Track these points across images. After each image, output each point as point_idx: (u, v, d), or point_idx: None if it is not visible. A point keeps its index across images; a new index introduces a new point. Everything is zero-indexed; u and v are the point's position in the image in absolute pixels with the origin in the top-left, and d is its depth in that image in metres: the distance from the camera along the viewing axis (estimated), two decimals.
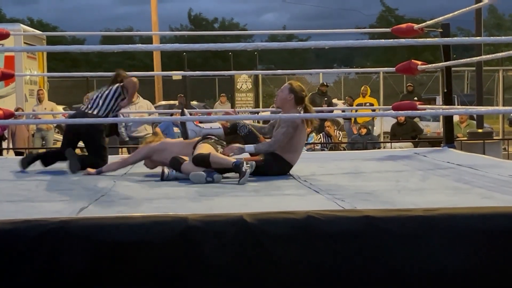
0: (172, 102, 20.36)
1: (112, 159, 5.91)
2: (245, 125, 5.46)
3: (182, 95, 16.67)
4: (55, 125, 13.70)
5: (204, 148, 5.17)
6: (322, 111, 10.99)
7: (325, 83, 15.38)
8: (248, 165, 4.81)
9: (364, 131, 13.12)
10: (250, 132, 5.42)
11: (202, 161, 4.98)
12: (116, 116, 6.23)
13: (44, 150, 6.14)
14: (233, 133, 5.45)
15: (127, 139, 10.95)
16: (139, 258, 3.05)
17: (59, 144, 14.22)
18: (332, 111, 12.25)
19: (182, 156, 5.20)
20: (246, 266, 3.09)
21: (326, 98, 14.57)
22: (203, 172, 4.87)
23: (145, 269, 3.06)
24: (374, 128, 15.34)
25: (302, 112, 5.35)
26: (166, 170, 5.11)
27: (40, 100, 13.08)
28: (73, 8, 68.93)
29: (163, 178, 5.09)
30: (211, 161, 4.95)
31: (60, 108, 15.65)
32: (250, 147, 5.22)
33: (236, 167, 4.85)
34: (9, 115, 6.91)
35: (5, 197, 4.31)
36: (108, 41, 40.43)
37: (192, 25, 49.15)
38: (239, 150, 5.19)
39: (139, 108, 10.75)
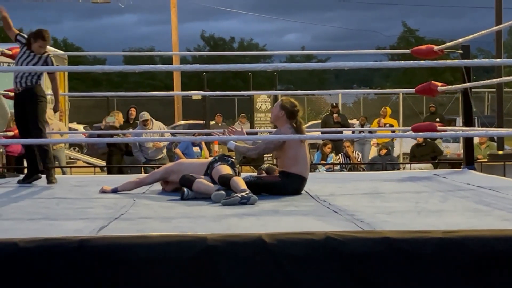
0: (191, 121, 20.43)
1: (129, 178, 5.94)
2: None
3: (220, 114, 17.13)
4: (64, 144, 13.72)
5: (227, 170, 5.29)
6: (337, 132, 11.00)
7: (334, 104, 15.48)
8: (246, 195, 4.80)
9: (384, 151, 13.08)
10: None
11: (224, 181, 5.09)
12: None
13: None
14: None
15: (144, 161, 11.02)
16: (158, 278, 3.06)
17: (81, 163, 14.27)
18: (342, 132, 12.24)
19: (194, 175, 5.26)
20: (264, 286, 3.08)
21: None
22: (223, 192, 4.90)
23: None
24: (394, 149, 15.27)
25: (295, 125, 5.51)
26: (186, 190, 5.14)
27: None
28: (97, 27, 69.62)
29: (183, 197, 5.11)
30: (231, 183, 5.04)
31: (80, 127, 15.73)
32: (231, 143, 5.55)
33: (237, 192, 4.90)
34: None
35: (25, 215, 4.34)
36: (129, 61, 40.74)
37: (208, 45, 49.33)
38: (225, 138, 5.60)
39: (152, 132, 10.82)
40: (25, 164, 11.68)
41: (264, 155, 14.27)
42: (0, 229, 3.71)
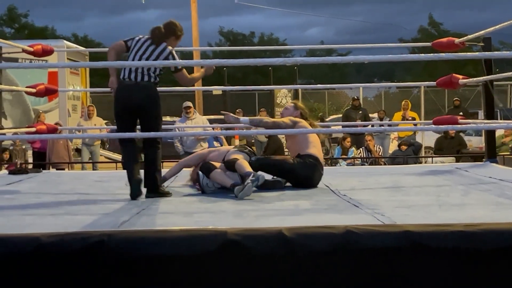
0: (212, 116, 20.46)
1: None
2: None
3: (240, 109, 17.24)
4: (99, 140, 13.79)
5: (237, 156, 5.39)
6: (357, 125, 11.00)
7: (356, 97, 15.40)
8: (254, 177, 4.87)
9: (404, 148, 13.00)
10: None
11: (230, 165, 5.22)
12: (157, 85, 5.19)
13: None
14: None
15: (182, 153, 11.07)
16: (178, 271, 3.08)
17: (103, 159, 14.37)
18: (367, 125, 12.23)
19: (214, 163, 5.37)
20: (285, 280, 3.09)
21: (360, 112, 14.51)
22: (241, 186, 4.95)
23: (184, 283, 3.08)
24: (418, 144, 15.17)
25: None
26: (201, 174, 5.25)
27: (89, 116, 13.11)
28: (119, 24, 69.84)
29: (199, 182, 5.22)
30: (236, 167, 5.14)
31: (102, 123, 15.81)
32: (245, 119, 5.64)
33: (244, 177, 4.97)
34: (52, 130, 7.03)
35: (48, 210, 4.38)
36: None
37: (228, 41, 49.29)
38: (235, 120, 5.58)
39: (195, 124, 10.88)
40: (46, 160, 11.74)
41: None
42: (23, 224, 3.75)
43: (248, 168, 5.03)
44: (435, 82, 7.43)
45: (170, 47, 5.17)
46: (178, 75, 5.19)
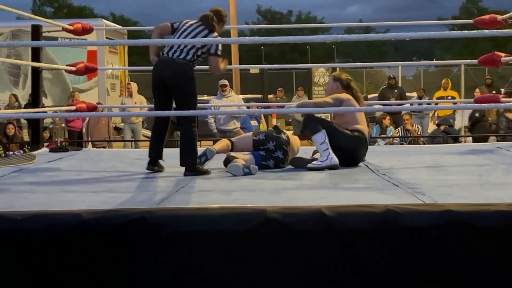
0: (249, 96, 20.46)
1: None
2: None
3: (281, 88, 17.19)
4: (142, 118, 13.84)
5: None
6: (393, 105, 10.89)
7: (391, 76, 15.17)
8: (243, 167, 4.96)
9: (442, 127, 12.84)
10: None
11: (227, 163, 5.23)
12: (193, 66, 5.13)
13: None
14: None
15: (215, 131, 11.08)
16: (217, 249, 3.08)
17: (142, 137, 14.52)
18: (403, 104, 12.09)
19: (234, 155, 5.35)
20: (324, 258, 3.08)
21: (396, 91, 14.33)
22: (240, 164, 4.98)
23: (224, 261, 3.09)
24: (455, 122, 14.97)
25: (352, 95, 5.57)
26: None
27: (130, 95, 13.16)
28: (158, 2, 69.92)
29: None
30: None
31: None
32: (290, 104, 5.69)
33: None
34: (92, 109, 7.08)
35: (89, 187, 4.42)
36: None
37: (265, 19, 49.19)
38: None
39: (230, 102, 10.89)
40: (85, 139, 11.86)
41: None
42: (64, 201, 3.80)
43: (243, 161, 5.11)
44: (476, 60, 7.30)
45: (216, 34, 5.18)
46: (213, 58, 5.15)
